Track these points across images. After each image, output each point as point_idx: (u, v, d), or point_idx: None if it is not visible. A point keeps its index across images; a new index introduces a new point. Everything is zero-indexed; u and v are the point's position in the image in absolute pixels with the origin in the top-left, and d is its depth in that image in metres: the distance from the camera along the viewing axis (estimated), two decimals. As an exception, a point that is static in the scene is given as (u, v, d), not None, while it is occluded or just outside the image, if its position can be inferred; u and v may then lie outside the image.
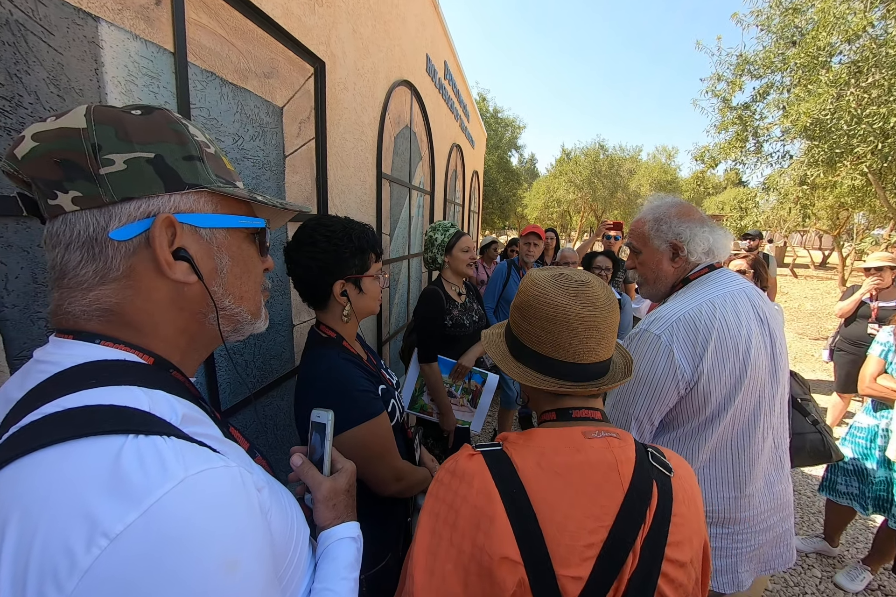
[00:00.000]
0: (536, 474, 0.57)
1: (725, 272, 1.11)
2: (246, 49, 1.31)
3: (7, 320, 0.73)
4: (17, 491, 0.28)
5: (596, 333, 0.62)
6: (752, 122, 6.56)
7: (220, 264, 0.47)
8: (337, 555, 0.53)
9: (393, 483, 1.00)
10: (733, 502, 1.03)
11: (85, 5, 0.82)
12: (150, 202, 0.42)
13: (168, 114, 0.44)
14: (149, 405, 0.35)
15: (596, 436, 0.62)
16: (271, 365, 1.53)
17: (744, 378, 0.99)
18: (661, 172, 20.19)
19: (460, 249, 1.92)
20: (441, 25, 4.08)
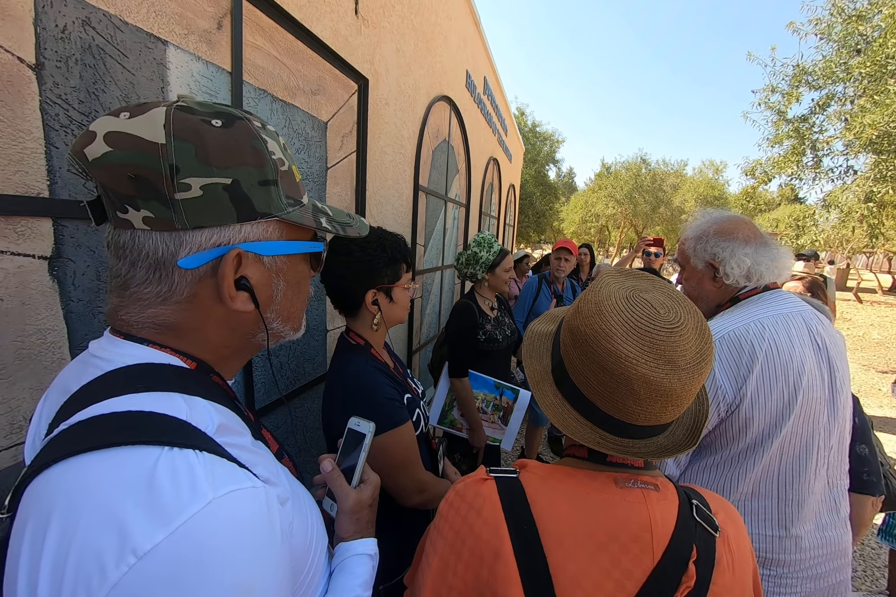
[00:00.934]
0: (553, 516, 0.50)
1: (781, 293, 1.03)
2: (296, 68, 1.39)
3: (72, 313, 0.79)
4: (62, 492, 0.30)
5: (664, 401, 0.48)
6: (810, 136, 6.19)
7: (276, 291, 0.47)
8: (353, 570, 0.52)
9: (415, 495, 0.99)
10: (777, 541, 0.94)
11: (156, 31, 0.91)
12: (222, 233, 0.41)
13: (249, 126, 0.42)
14: (187, 414, 0.36)
15: (630, 485, 0.52)
16: (304, 368, 1.57)
17: (793, 406, 0.91)
18: (707, 187, 19.37)
19: (503, 268, 1.89)
20: (482, 42, 4.18)
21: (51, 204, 0.74)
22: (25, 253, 0.71)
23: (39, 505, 0.30)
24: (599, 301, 0.51)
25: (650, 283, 0.54)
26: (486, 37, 4.26)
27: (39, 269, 0.74)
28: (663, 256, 3.48)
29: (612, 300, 0.50)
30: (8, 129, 0.68)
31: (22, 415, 0.72)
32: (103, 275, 0.85)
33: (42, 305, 0.74)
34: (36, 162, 0.72)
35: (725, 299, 1.07)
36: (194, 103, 0.40)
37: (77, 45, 0.76)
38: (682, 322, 0.48)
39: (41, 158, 0.73)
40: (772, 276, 1.02)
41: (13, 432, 0.72)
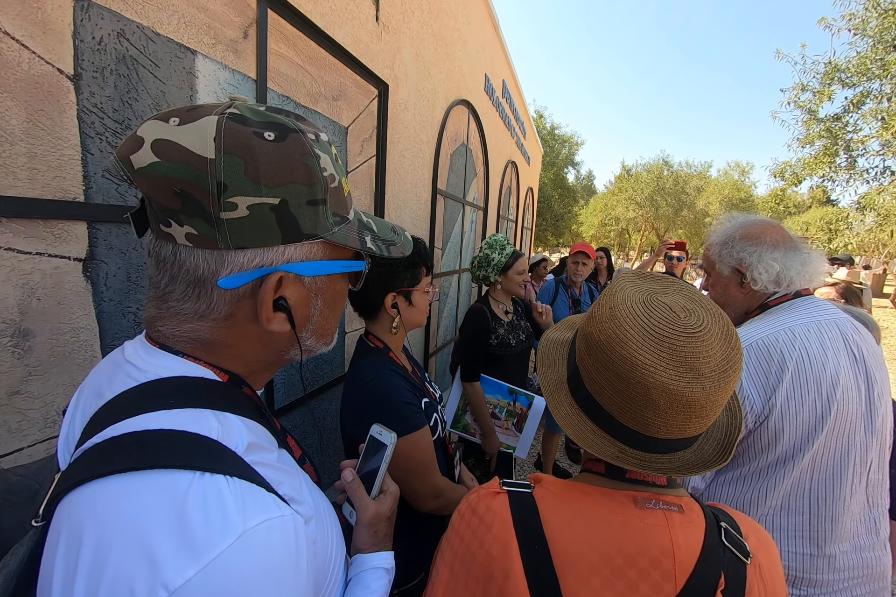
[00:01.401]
0: (566, 536, 0.47)
1: (813, 300, 0.98)
2: (318, 74, 1.42)
3: (104, 313, 0.83)
4: (94, 514, 0.30)
5: (687, 412, 0.44)
6: (843, 135, 5.96)
7: (314, 311, 0.46)
8: (369, 584, 0.52)
9: (431, 500, 0.98)
10: (809, 560, 0.89)
11: (186, 41, 0.94)
12: (265, 254, 0.40)
13: (303, 139, 0.39)
14: (218, 433, 0.36)
15: (651, 506, 0.48)
16: (323, 370, 1.59)
17: (826, 419, 0.87)
18: (733, 190, 18.82)
19: (516, 271, 1.86)
20: (500, 46, 4.19)
21: (86, 208, 0.77)
22: (61, 255, 0.75)
23: (71, 525, 0.31)
24: (614, 305, 0.48)
25: (669, 285, 0.51)
26: (505, 40, 4.26)
27: (74, 270, 0.77)
28: (686, 260, 3.39)
29: (628, 304, 0.47)
30: (48, 137, 0.71)
31: (55, 410, 0.75)
32: (133, 276, 0.88)
33: (76, 305, 0.77)
34: (73, 168, 0.75)
35: (754, 306, 1.03)
36: (248, 110, 0.38)
37: (112, 56, 0.80)
38: (705, 326, 0.44)
39: (78, 165, 0.76)
40: (803, 281, 0.98)
41: (47, 426, 0.75)
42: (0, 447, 0.69)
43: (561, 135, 19.44)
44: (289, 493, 0.38)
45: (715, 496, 0.98)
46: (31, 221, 0.70)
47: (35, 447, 0.73)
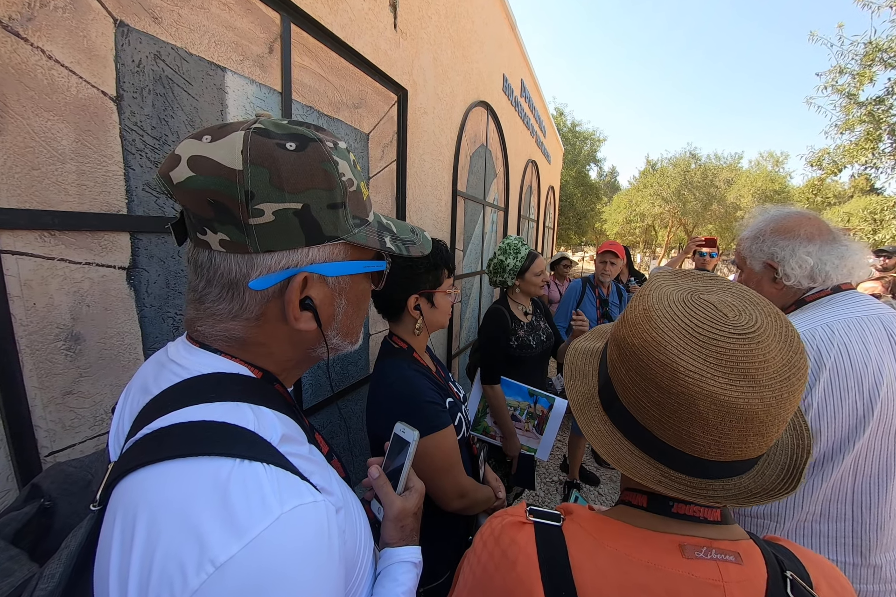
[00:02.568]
0: (599, 588, 0.41)
1: (854, 295, 0.93)
2: (339, 84, 1.46)
3: (146, 318, 0.88)
4: (146, 497, 0.33)
5: (743, 428, 0.38)
6: (887, 119, 5.61)
7: (338, 310, 0.49)
8: (397, 577, 0.54)
9: (455, 499, 0.99)
10: (852, 569, 0.85)
11: (216, 59, 0.99)
12: (290, 256, 0.43)
13: (321, 148, 0.43)
14: (255, 425, 0.39)
15: (702, 556, 0.41)
16: (348, 371, 1.63)
17: (868, 419, 0.82)
18: (766, 181, 17.99)
19: (533, 273, 1.84)
20: (518, 45, 4.17)
21: (128, 220, 0.83)
22: (108, 264, 0.80)
23: (126, 507, 0.34)
24: (649, 306, 0.42)
25: (713, 283, 0.45)
26: (523, 39, 4.24)
27: (119, 278, 0.82)
28: (717, 256, 3.27)
29: (665, 304, 0.42)
30: (94, 155, 0.77)
31: (103, 409, 0.80)
32: (172, 283, 0.93)
33: (121, 311, 0.83)
34: (117, 183, 0.81)
35: (789, 303, 0.99)
36: (271, 124, 0.42)
37: (150, 77, 0.85)
38: (759, 326, 0.38)
39: (121, 180, 0.81)
40: (840, 276, 0.93)
41: (96, 424, 0.80)
42: (56, 443, 0.74)
43: (582, 132, 19.14)
44: (319, 483, 0.40)
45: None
46: (81, 233, 0.75)
47: (85, 444, 0.78)
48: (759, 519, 0.92)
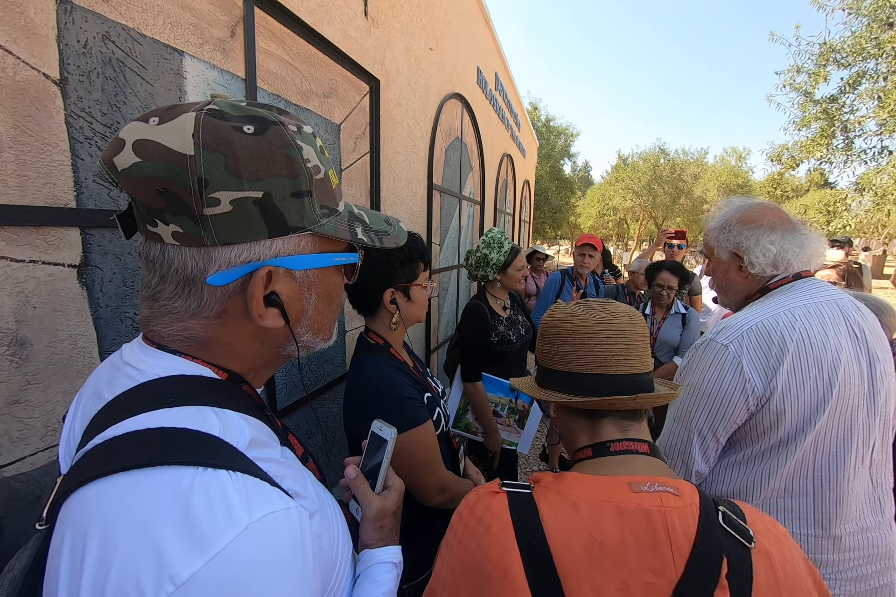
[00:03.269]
0: (565, 534, 0.47)
1: (814, 282, 0.98)
2: (308, 72, 1.41)
3: (101, 319, 0.82)
4: (99, 512, 0.30)
5: (622, 340, 0.58)
6: (840, 116, 5.91)
7: (308, 305, 0.46)
8: (377, 578, 0.52)
9: (436, 494, 0.98)
10: (813, 541, 0.90)
11: (172, 42, 0.93)
12: (252, 249, 0.39)
13: (283, 131, 0.39)
14: (219, 430, 0.36)
15: (646, 490, 0.49)
16: (324, 368, 1.59)
17: (828, 400, 0.87)
18: (730, 176, 18.69)
19: (515, 268, 1.82)
20: (492, 38, 4.15)
21: (78, 214, 0.77)
22: (56, 262, 0.74)
23: (76, 524, 0.30)
24: (552, 307, 0.69)
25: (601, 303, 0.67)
26: (497, 32, 4.22)
27: (69, 277, 0.76)
28: (686, 247, 3.38)
29: (569, 306, 0.66)
30: (36, 143, 0.70)
31: (55, 418, 0.75)
32: (129, 281, 0.88)
33: (73, 312, 0.77)
34: (63, 174, 0.75)
35: (754, 290, 1.03)
36: (227, 106, 0.38)
37: (98, 59, 0.79)
38: (611, 301, 0.65)
39: (68, 170, 0.75)
40: (800, 263, 0.97)
41: (48, 435, 0.75)
42: (3, 457, 0.69)
43: (556, 126, 19.31)
44: (293, 487, 0.38)
45: (718, 480, 0.98)
46: (24, 228, 0.69)
47: (37, 456, 0.73)
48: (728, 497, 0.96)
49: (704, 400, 0.93)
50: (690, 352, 1.01)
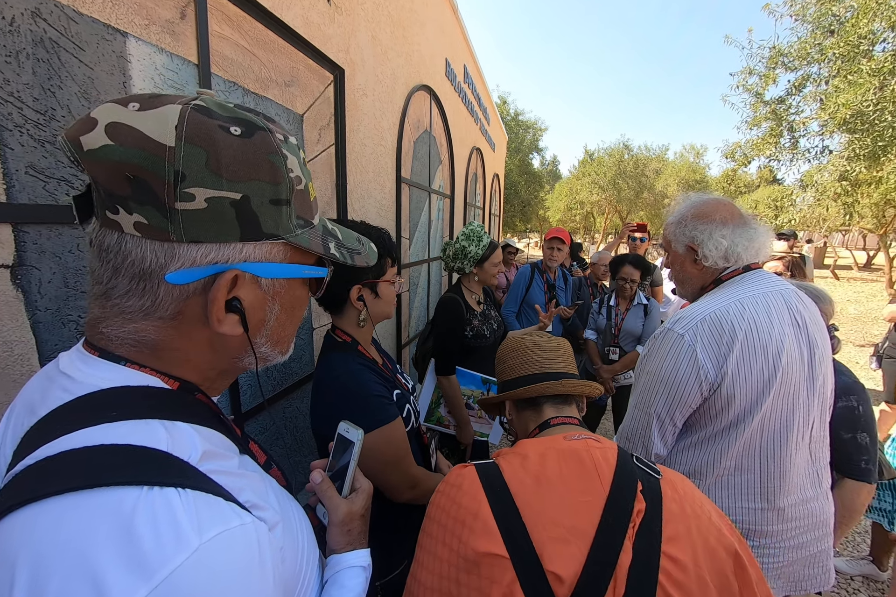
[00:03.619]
0: (520, 475, 0.61)
1: (761, 273, 1.04)
2: (267, 59, 1.34)
3: (40, 323, 0.76)
4: (29, 541, 0.28)
5: (550, 350, 0.85)
6: (787, 117, 6.27)
7: (270, 315, 0.44)
8: (345, 583, 0.52)
9: (407, 490, 0.99)
10: (761, 513, 0.97)
11: (114, 21, 0.86)
12: (220, 250, 0.38)
13: (270, 138, 0.39)
14: (167, 444, 0.34)
15: (576, 438, 0.67)
16: (291, 367, 1.55)
17: (773, 383, 0.93)
18: (689, 171, 19.55)
19: (492, 263, 1.82)
20: (460, 29, 4.10)
21: (9, 209, 0.70)
22: (-15, 262, 0.68)
23: (4, 554, 0.28)
24: (512, 338, 0.92)
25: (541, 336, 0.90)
26: (465, 24, 4.18)
27: (1, 278, 0.70)
28: (648, 240, 3.52)
29: (514, 335, 0.95)
30: (-44, 131, 0.64)
31: (-5, 430, 0.69)
32: (71, 282, 0.82)
33: (6, 316, 0.71)
34: (-10, 165, 0.68)
35: (708, 282, 1.09)
36: (214, 105, 0.37)
37: (27, 38, 0.72)
38: (548, 335, 0.91)
39: (-5, 161, 0.69)
40: (749, 255, 1.03)
41: (-13, 449, 0.69)
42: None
43: (525, 121, 19.45)
44: (251, 499, 0.37)
45: (675, 462, 1.04)
46: (-54, 225, 0.63)
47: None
48: (685, 479, 1.02)
49: (663, 386, 0.98)
50: (650, 341, 1.06)
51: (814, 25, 5.61)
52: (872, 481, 1.20)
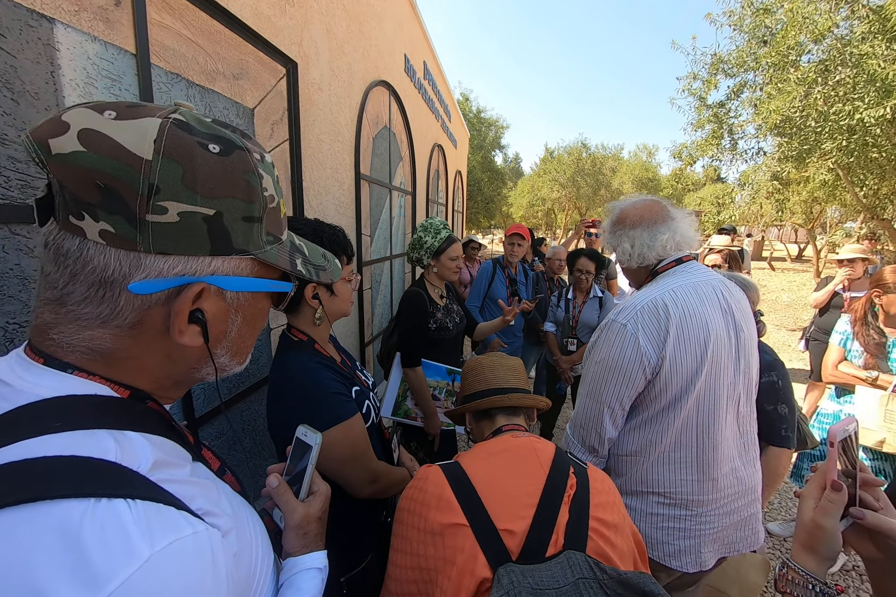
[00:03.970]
0: (476, 465, 0.75)
1: (693, 265, 1.14)
2: (213, 50, 1.30)
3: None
4: None
5: (501, 370, 0.97)
6: (727, 120, 6.71)
7: (231, 326, 0.45)
8: (300, 586, 0.52)
9: (367, 485, 1.00)
10: (697, 485, 1.06)
11: (39, 7, 0.81)
12: (188, 263, 0.38)
13: (248, 158, 0.39)
14: (116, 454, 0.33)
15: (522, 436, 0.83)
16: (248, 369, 1.52)
17: (704, 364, 1.02)
18: (642, 170, 20.48)
19: (449, 257, 1.85)
20: (419, 25, 4.08)
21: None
22: None
23: None
24: (473, 359, 1.02)
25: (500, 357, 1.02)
26: (424, 20, 4.16)
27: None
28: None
29: (477, 359, 1.02)
30: None
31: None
32: (1, 285, 0.77)
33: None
34: None
35: (644, 276, 1.19)
36: (194, 119, 0.37)
37: (-64, 21, 0.66)
38: (504, 356, 1.02)
39: None
40: (654, 254, 1.13)
41: None
42: None
43: (487, 118, 19.62)
44: (204, 506, 0.37)
45: (622, 442, 1.12)
46: None
47: None
48: (629, 457, 1.10)
49: (610, 373, 1.05)
50: (597, 332, 1.13)
51: (750, 36, 6.02)
52: (791, 446, 1.34)
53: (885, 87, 4.05)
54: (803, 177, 6.35)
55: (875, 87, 4.12)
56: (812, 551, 0.55)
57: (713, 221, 8.43)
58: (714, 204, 8.93)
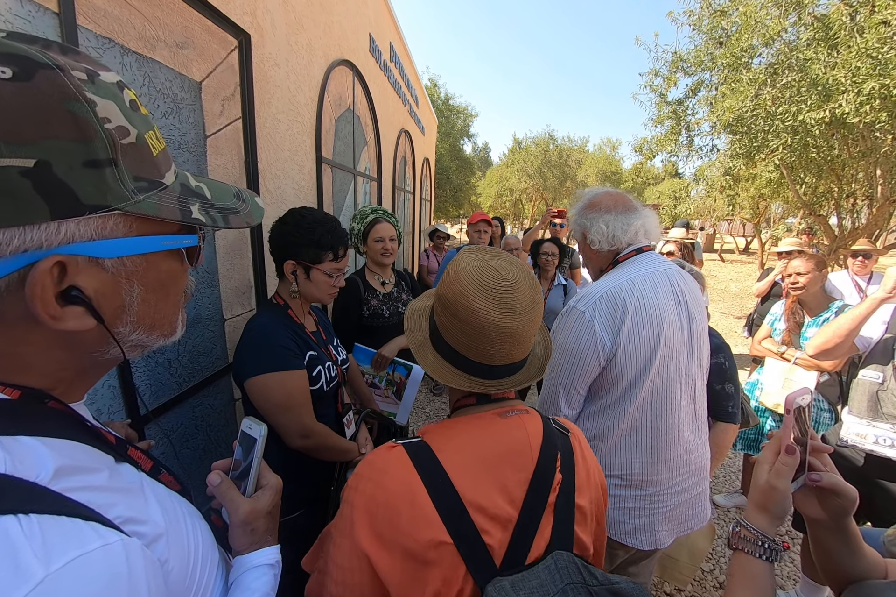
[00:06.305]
0: (455, 458, 0.59)
1: (651, 255, 1.18)
2: (153, 15, 1.18)
3: None
4: None
5: (511, 341, 0.60)
6: (684, 117, 6.97)
7: (130, 298, 0.38)
8: (249, 584, 0.49)
9: (298, 438, 1.07)
10: (651, 466, 1.12)
11: (-72, -53, 0.69)
12: (26, 235, 0.30)
13: (61, 79, 0.30)
14: (6, 464, 0.29)
15: (511, 415, 0.66)
16: (201, 362, 1.43)
17: (657, 351, 1.07)
18: (605, 163, 21.06)
19: (372, 238, 1.82)
20: (385, 5, 3.92)
21: None
22: None
23: None
24: (457, 270, 0.61)
25: (496, 254, 0.65)
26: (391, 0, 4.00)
27: None
28: (567, 226, 3.76)
29: (466, 267, 0.61)
30: None
31: None
32: None
33: None
34: None
35: (607, 263, 1.22)
36: None
37: None
38: (518, 279, 0.60)
39: None
40: (626, 238, 1.17)
41: None
42: None
43: (456, 106, 19.37)
44: (124, 513, 0.34)
45: (583, 428, 1.16)
46: None
47: None
48: (589, 442, 1.14)
49: (567, 358, 1.09)
50: (558, 318, 1.16)
51: (707, 36, 6.24)
52: (736, 422, 1.46)
53: (826, 91, 4.33)
54: (752, 174, 6.73)
55: (817, 90, 4.39)
56: (765, 510, 0.59)
57: (670, 215, 8.82)
58: (672, 198, 9.34)
